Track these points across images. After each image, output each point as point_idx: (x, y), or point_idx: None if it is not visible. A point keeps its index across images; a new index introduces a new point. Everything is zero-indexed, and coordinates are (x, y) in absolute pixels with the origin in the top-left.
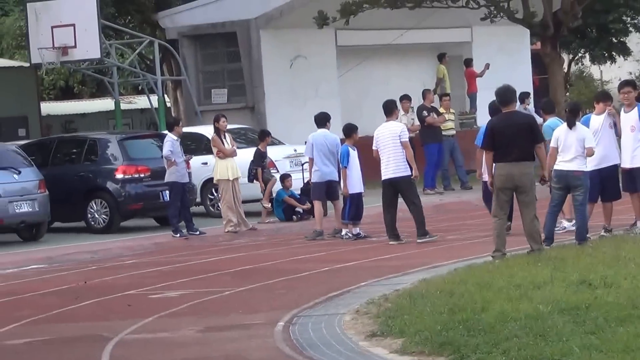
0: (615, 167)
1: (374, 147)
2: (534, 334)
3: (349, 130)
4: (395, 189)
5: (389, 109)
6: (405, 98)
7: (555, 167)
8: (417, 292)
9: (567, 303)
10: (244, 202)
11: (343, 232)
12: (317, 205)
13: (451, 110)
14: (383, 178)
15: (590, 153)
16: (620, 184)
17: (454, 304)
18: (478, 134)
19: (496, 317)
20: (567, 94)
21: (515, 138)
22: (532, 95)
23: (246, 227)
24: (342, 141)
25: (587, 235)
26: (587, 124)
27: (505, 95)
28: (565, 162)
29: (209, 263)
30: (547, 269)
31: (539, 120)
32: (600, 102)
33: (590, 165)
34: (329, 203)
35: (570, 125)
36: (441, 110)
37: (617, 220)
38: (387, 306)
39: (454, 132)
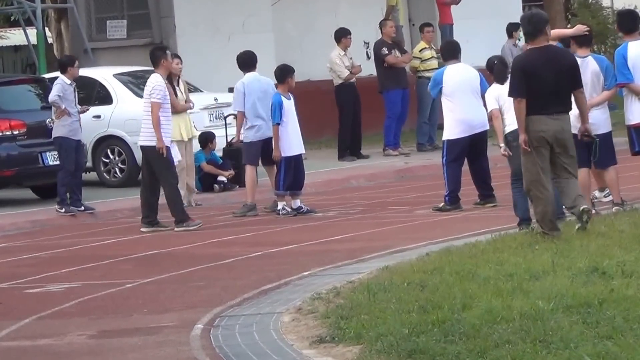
0: None
1: None
2: (531, 338)
3: (283, 73)
4: (146, 159)
5: (153, 56)
6: (348, 33)
7: (510, 128)
8: (378, 285)
9: (574, 298)
10: None
11: (279, 206)
12: (250, 171)
13: (432, 46)
14: None
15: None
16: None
17: (427, 300)
18: (432, 81)
19: (482, 317)
20: (569, 26)
21: (557, 82)
22: None
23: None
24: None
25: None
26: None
27: (530, 23)
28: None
29: (104, 247)
30: (548, 254)
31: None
32: None
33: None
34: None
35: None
36: (422, 44)
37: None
38: (339, 303)
39: None
